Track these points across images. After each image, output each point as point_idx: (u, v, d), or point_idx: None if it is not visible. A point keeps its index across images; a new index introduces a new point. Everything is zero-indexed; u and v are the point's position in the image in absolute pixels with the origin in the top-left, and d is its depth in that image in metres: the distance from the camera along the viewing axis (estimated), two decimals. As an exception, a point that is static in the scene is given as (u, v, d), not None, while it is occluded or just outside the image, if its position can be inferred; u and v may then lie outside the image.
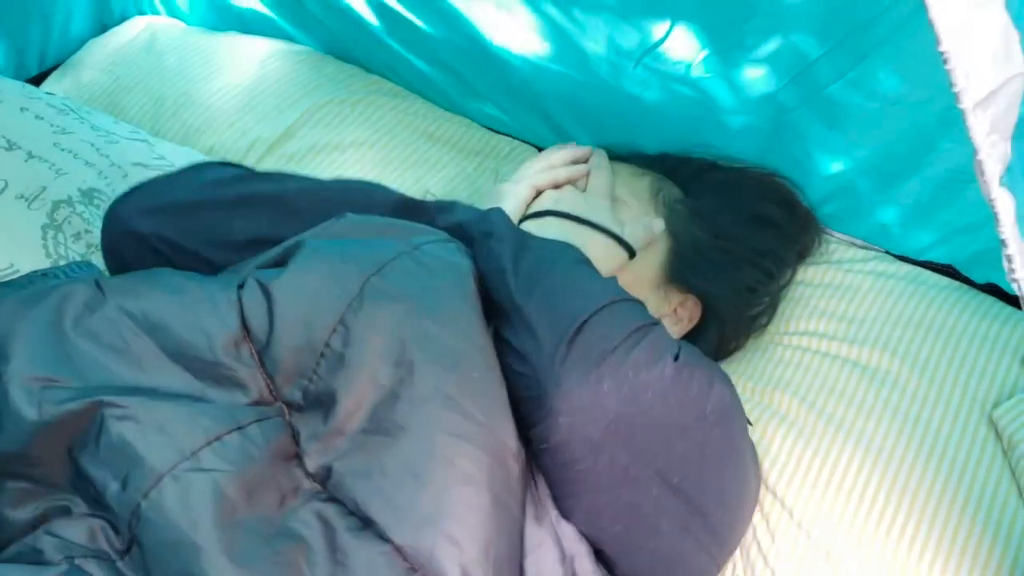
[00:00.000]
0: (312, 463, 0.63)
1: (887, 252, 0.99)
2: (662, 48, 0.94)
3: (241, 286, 0.67)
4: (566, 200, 0.86)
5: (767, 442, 0.84)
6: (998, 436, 0.81)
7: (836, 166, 0.96)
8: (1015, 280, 0.50)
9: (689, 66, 0.95)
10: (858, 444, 0.82)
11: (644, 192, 0.91)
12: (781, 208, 0.95)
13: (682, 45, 0.93)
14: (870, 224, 0.98)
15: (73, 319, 0.65)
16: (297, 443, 0.64)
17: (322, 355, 0.65)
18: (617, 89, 1.01)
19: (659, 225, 0.87)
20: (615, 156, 0.95)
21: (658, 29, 0.94)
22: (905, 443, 0.81)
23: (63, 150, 1.03)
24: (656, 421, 0.66)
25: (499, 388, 0.66)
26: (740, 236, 0.91)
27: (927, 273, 0.96)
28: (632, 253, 0.85)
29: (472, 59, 1.11)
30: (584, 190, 0.89)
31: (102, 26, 1.40)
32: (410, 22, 1.13)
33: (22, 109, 1.07)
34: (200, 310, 0.66)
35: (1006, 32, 0.45)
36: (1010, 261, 0.49)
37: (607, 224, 0.84)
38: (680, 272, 0.89)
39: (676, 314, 0.90)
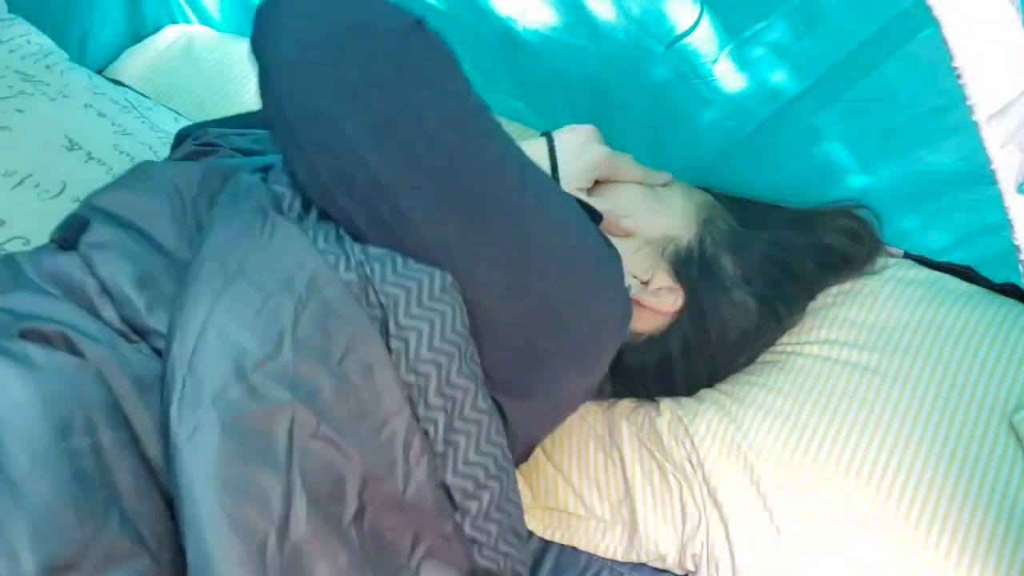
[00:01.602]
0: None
1: (906, 254, 0.98)
2: (688, 42, 0.93)
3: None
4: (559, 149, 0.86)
5: (791, 449, 0.84)
6: (1018, 440, 0.80)
7: (856, 170, 0.96)
8: (1032, 285, 0.51)
9: (713, 63, 0.94)
10: (881, 450, 0.82)
11: (682, 196, 0.92)
12: (815, 259, 0.93)
13: (706, 42, 0.93)
14: (890, 227, 0.98)
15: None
16: None
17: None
18: (643, 83, 1.00)
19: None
20: None
21: (685, 21, 0.93)
22: (927, 448, 0.81)
23: (121, 152, 1.05)
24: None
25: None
26: (763, 271, 0.89)
27: (946, 278, 0.95)
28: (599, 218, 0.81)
29: (497, 45, 1.10)
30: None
31: (135, 35, 1.43)
32: (435, 9, 1.12)
33: (86, 106, 1.09)
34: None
35: (1021, 47, 0.46)
36: (1026, 267, 0.50)
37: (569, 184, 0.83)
38: (678, 261, 0.87)
39: (660, 293, 0.86)
